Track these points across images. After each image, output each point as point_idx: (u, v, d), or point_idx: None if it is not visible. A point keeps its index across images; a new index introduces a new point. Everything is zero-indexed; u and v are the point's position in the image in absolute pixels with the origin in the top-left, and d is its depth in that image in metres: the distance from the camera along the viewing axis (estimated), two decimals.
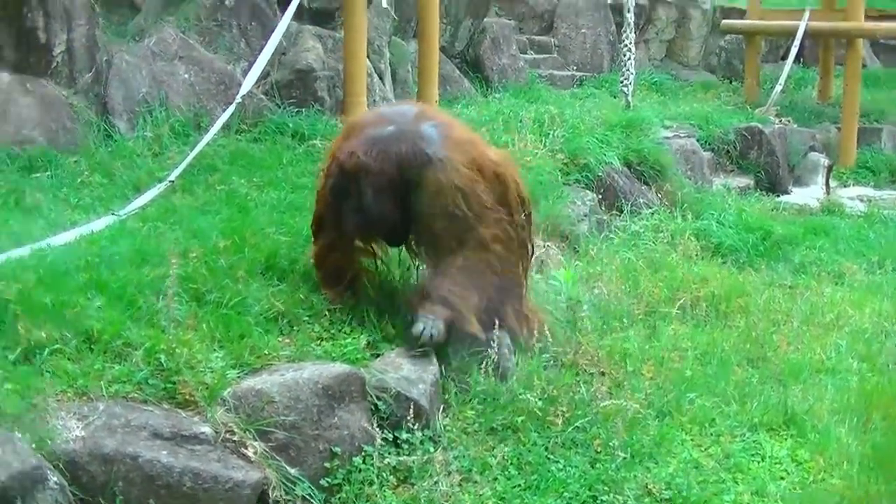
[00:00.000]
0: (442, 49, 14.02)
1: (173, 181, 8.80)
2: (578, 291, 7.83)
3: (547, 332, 6.92)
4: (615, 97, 15.29)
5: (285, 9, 11.13)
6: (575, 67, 17.78)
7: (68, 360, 5.47)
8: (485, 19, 16.12)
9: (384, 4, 11.95)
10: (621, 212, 10.97)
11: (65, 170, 9.03)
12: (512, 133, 10.86)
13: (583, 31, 18.12)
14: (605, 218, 10.68)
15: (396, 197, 6.44)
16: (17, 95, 9.34)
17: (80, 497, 4.94)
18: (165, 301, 6.02)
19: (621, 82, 14.21)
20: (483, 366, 6.41)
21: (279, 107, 11.01)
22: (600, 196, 10.89)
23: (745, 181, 14.49)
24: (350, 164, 6.40)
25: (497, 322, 6.58)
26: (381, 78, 12.60)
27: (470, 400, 6.41)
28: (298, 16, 11.61)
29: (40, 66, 9.58)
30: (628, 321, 8.11)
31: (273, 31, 10.84)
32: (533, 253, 7.20)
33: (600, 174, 11.14)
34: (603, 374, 7.08)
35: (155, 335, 5.71)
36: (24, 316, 5.59)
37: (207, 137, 9.57)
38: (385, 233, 6.75)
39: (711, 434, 6.60)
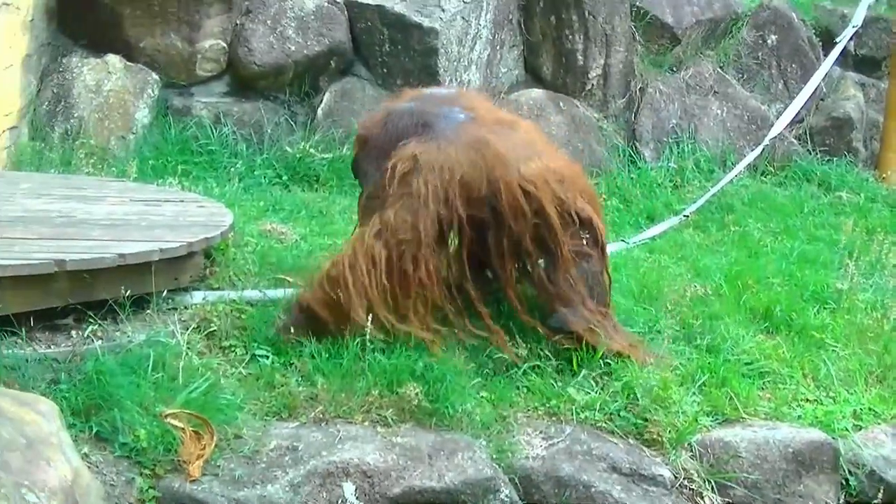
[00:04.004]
0: None
1: (688, 216, 8.78)
2: None
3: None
4: None
5: (829, 52, 10.80)
6: None
7: (544, 378, 5.54)
8: None
9: None
10: None
11: None
12: None
13: None
14: None
15: None
16: (550, 113, 9.66)
17: None
18: (654, 335, 5.98)
19: None
20: None
21: (809, 153, 10.69)
22: None
23: None
24: (357, 136, 5.92)
25: None
26: None
27: None
28: (842, 61, 11.23)
29: (575, 87, 9.88)
30: None
31: (813, 74, 10.56)
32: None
33: None
34: None
35: (634, 369, 5.66)
36: (511, 329, 5.73)
37: (730, 176, 9.50)
38: None
39: None
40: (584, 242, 5.80)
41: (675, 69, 10.52)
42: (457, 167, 5.43)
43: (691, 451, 5.36)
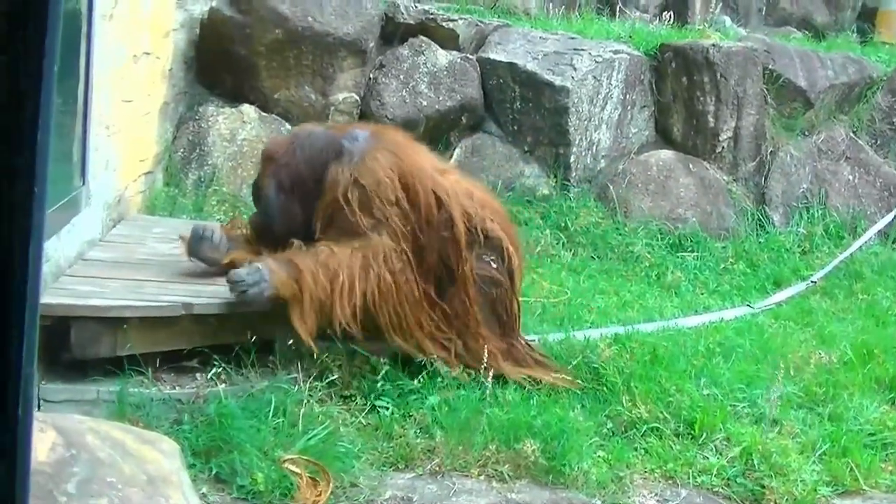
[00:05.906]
0: None
1: (816, 282, 8.67)
2: None
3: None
4: None
5: None
6: None
7: (663, 441, 5.50)
8: None
9: None
10: None
11: (711, 253, 9.18)
12: None
13: None
14: None
15: (303, 200, 5.62)
16: (679, 174, 9.63)
17: None
18: (773, 403, 5.90)
19: None
20: None
21: None
22: None
23: None
24: (262, 154, 5.89)
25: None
26: None
27: None
28: None
29: (705, 149, 9.84)
30: None
31: None
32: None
33: None
34: None
35: (754, 435, 5.59)
36: (632, 390, 5.71)
37: (860, 242, 9.38)
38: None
39: None
40: (493, 266, 5.81)
41: (806, 133, 10.42)
42: (383, 168, 5.55)
43: None
